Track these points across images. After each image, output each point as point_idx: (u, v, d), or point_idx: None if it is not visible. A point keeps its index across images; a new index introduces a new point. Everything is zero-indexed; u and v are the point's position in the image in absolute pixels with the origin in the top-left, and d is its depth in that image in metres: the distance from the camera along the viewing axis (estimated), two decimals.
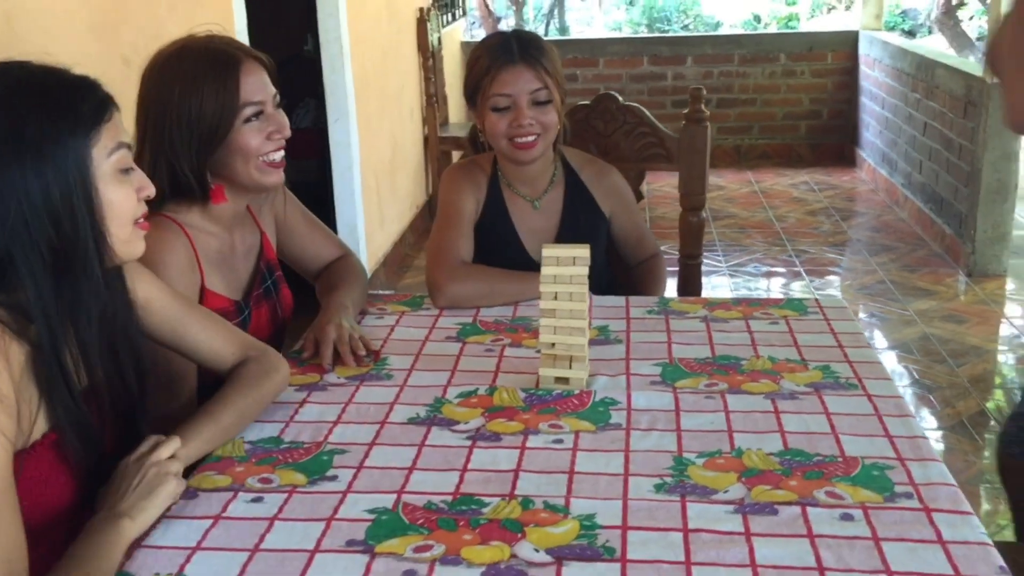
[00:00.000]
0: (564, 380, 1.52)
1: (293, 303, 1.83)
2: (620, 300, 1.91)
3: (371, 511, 1.20)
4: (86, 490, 1.18)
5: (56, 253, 1.10)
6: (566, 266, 1.46)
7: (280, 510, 1.21)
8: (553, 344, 1.51)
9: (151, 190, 1.23)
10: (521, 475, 1.28)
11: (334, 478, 1.28)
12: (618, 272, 2.13)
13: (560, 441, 1.36)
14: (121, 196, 1.17)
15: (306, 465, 1.32)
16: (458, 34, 7.61)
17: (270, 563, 1.10)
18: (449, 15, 6.88)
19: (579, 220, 1.99)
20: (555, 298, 1.48)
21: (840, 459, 1.29)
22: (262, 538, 1.15)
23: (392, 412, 1.47)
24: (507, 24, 11.53)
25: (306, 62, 4.52)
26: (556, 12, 12.77)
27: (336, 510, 1.21)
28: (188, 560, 1.11)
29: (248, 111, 1.55)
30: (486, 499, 1.22)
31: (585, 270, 1.46)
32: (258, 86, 1.57)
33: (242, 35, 3.12)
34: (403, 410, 1.48)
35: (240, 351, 1.47)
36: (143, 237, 1.24)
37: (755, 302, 1.89)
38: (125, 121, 1.31)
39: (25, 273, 1.08)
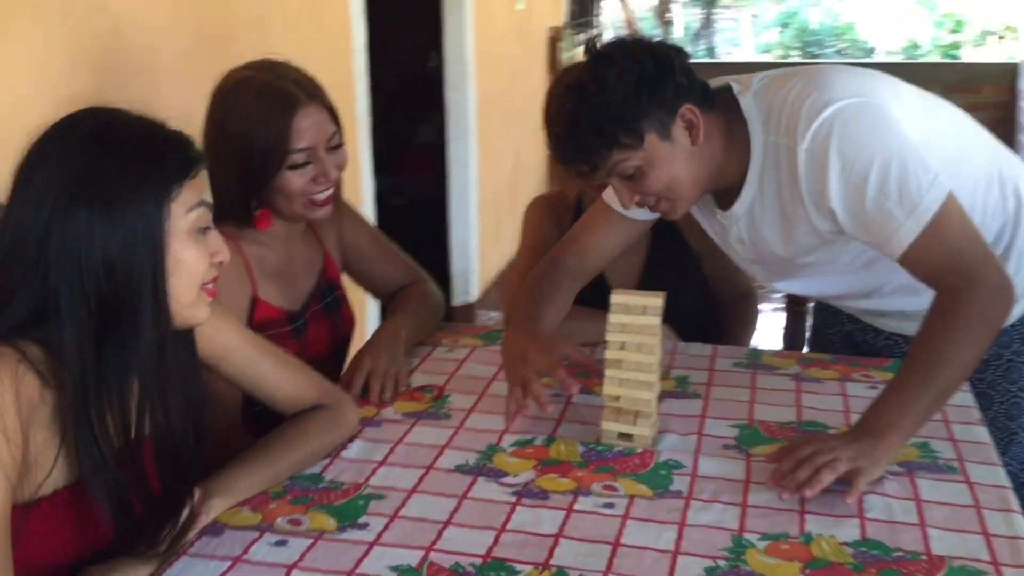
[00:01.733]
0: (627, 436, 1.41)
1: (354, 324, 1.80)
2: (707, 349, 1.79)
3: (394, 568, 1.13)
4: (111, 538, 1.13)
5: (104, 306, 1.05)
6: (636, 315, 1.36)
7: (302, 557, 1.15)
8: (618, 397, 1.40)
9: (225, 255, 1.17)
10: (561, 542, 1.18)
11: (365, 526, 1.22)
12: (712, 311, 2.00)
13: (611, 505, 1.26)
14: (193, 256, 1.11)
15: (340, 509, 1.26)
16: None
17: None
18: (585, 34, 6.83)
19: (666, 257, 1.88)
20: (622, 348, 1.38)
21: (924, 557, 1.14)
22: None
23: (441, 457, 1.40)
24: None
25: (430, 79, 4.55)
26: (704, 33, 12.55)
27: (359, 563, 1.14)
28: None
29: (296, 157, 1.53)
30: (517, 567, 1.13)
31: (656, 321, 1.35)
32: (312, 130, 1.54)
33: (359, 53, 3.13)
34: (453, 455, 1.40)
35: (317, 398, 1.42)
36: (208, 303, 1.17)
37: (855, 362, 1.73)
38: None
39: (67, 320, 1.03)
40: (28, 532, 1.05)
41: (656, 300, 1.35)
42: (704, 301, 1.95)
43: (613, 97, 1.39)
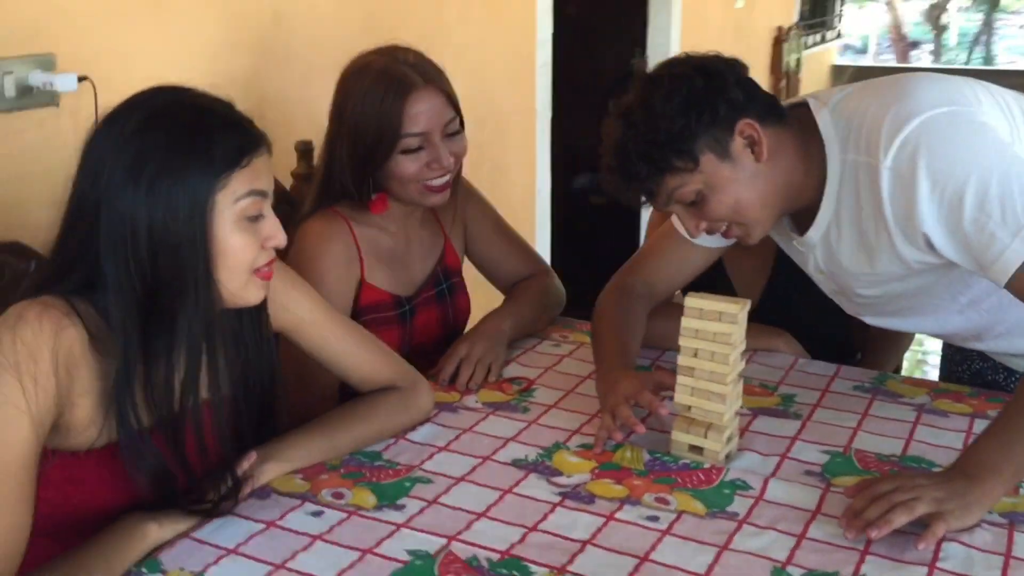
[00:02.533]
0: (699, 450, 1.33)
1: (469, 313, 1.81)
2: (829, 368, 1.65)
3: (412, 552, 1.12)
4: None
5: (149, 283, 1.08)
6: (710, 321, 1.27)
7: (330, 530, 1.17)
8: (689, 407, 1.32)
9: (280, 239, 1.17)
10: (588, 549, 1.13)
11: (402, 507, 1.22)
12: (855, 327, 1.84)
13: (656, 519, 1.19)
14: (239, 244, 1.13)
15: (384, 488, 1.26)
16: (829, 56, 7.19)
17: None
18: (818, 35, 6.51)
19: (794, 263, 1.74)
20: (695, 356, 1.30)
21: None
22: (294, 555, 1.11)
23: (503, 449, 1.37)
24: (922, 51, 10.67)
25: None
26: (983, 39, 11.64)
27: (380, 542, 1.14)
28: (216, 561, 1.10)
29: (409, 142, 1.54)
30: (532, 568, 1.09)
31: (733, 329, 1.26)
32: (427, 115, 1.55)
33: (544, 46, 3.13)
34: (516, 449, 1.37)
35: (391, 379, 1.43)
36: (263, 287, 1.18)
37: (997, 397, 1.53)
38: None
39: (114, 293, 1.08)
40: (78, 478, 1.13)
41: (733, 307, 1.26)
42: (842, 316, 1.79)
43: (661, 120, 1.30)
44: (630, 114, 1.34)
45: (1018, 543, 1.13)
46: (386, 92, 1.54)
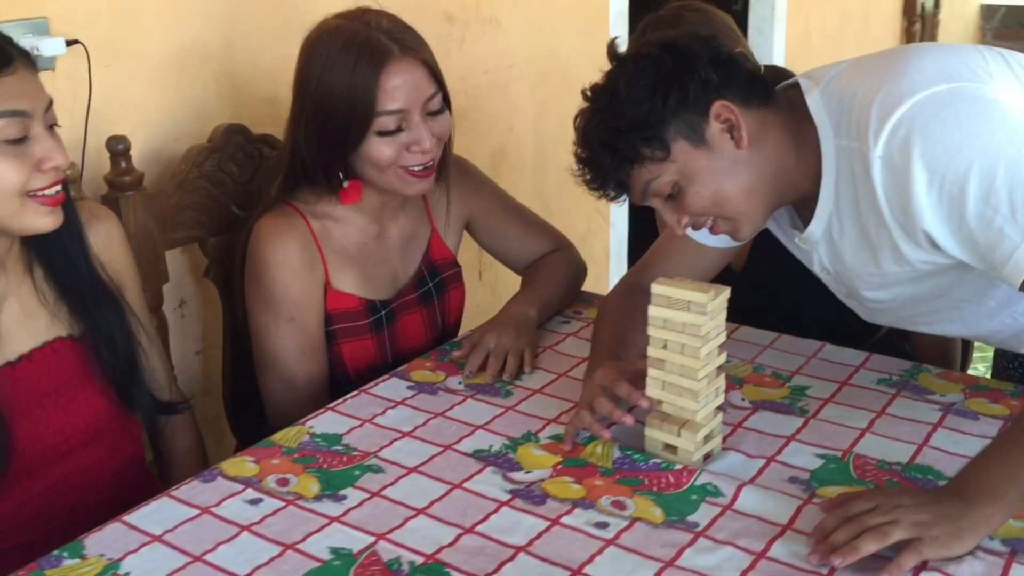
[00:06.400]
0: (673, 449, 1.21)
1: (463, 308, 1.67)
2: (857, 358, 1.49)
3: (333, 550, 1.06)
4: None
5: None
6: (678, 310, 1.15)
7: (261, 520, 1.12)
8: (660, 402, 1.21)
9: (59, 160, 1.12)
10: (520, 557, 1.04)
11: (343, 499, 1.16)
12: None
13: (604, 526, 1.09)
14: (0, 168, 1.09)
15: (332, 476, 1.21)
16: None
17: None
18: None
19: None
20: (664, 347, 1.18)
21: None
22: (216, 547, 1.08)
23: (469, 437, 1.29)
24: None
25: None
26: None
27: (306, 537, 1.09)
28: (137, 549, 1.07)
29: (385, 122, 1.38)
30: (453, 575, 1.02)
31: (702, 320, 1.14)
32: (405, 90, 1.37)
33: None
34: (482, 438, 1.29)
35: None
36: (50, 213, 1.14)
37: None
38: None
39: None
40: None
41: (702, 296, 1.13)
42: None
43: (626, 104, 1.17)
44: (596, 99, 1.22)
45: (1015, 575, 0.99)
46: (357, 63, 1.36)
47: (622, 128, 1.19)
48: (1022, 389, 1.38)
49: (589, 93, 1.25)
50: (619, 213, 3.17)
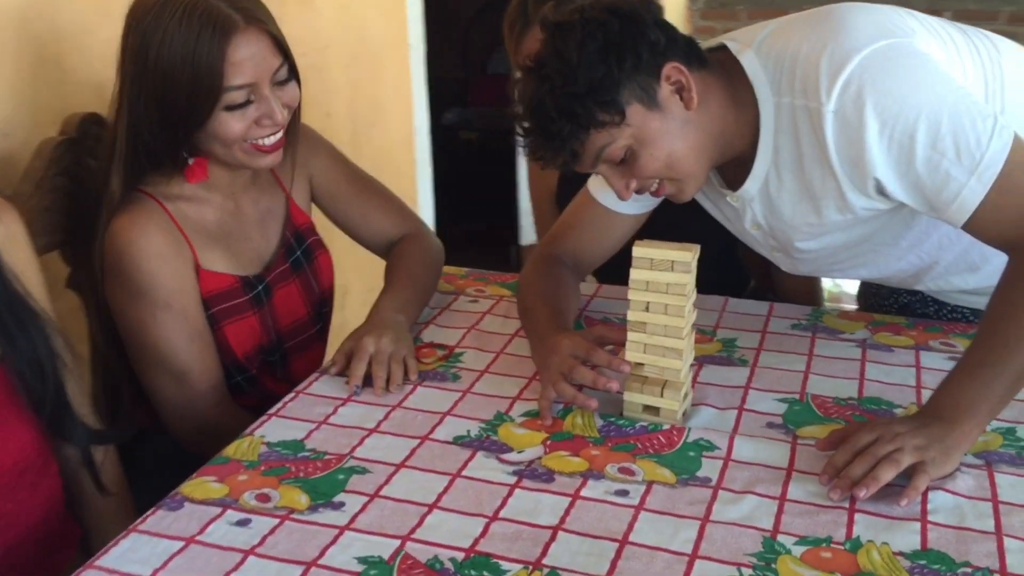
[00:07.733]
0: (654, 410, 1.23)
1: (333, 271, 1.60)
2: (762, 307, 1.58)
3: (362, 560, 0.98)
4: None
5: None
6: (662, 271, 1.16)
7: (262, 541, 1.01)
8: (642, 365, 1.22)
9: None
10: (559, 536, 1.01)
11: (340, 505, 1.07)
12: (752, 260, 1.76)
13: (625, 493, 1.08)
14: None
15: (316, 484, 1.11)
16: None
17: None
18: None
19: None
20: (647, 310, 1.19)
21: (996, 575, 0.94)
22: None
23: (441, 426, 1.24)
24: None
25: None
26: None
27: (324, 551, 0.99)
28: None
29: (234, 96, 1.28)
30: (504, 565, 0.97)
31: (686, 279, 1.16)
32: (253, 62, 1.28)
33: None
34: (455, 424, 1.24)
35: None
36: None
37: (936, 327, 1.50)
38: None
39: None
40: None
41: (686, 254, 1.15)
42: (729, 240, 1.58)
43: (579, 69, 1.17)
44: (543, 66, 1.19)
45: (1000, 485, 1.09)
46: (200, 36, 1.25)
47: (578, 93, 1.18)
48: (917, 320, 1.52)
49: (530, 62, 1.23)
50: (426, 195, 3.15)
